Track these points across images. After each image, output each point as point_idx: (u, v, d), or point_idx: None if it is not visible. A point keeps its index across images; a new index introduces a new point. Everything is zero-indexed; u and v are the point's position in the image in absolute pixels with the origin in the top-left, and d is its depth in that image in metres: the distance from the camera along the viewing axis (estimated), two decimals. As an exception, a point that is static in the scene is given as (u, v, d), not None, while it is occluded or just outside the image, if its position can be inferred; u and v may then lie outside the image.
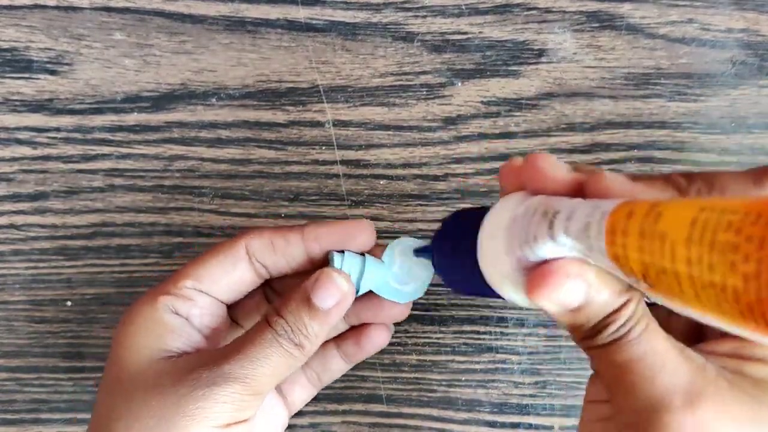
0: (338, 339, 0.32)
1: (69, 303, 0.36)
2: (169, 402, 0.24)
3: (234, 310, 0.31)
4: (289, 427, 0.37)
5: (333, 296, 0.26)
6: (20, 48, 0.35)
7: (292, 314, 0.26)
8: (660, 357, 0.20)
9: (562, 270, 0.20)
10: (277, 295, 0.32)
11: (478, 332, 0.36)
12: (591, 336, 0.21)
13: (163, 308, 0.27)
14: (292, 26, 0.35)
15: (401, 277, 0.30)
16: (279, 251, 0.28)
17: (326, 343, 0.32)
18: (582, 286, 0.20)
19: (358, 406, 0.37)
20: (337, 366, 0.32)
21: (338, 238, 0.28)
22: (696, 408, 0.19)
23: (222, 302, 0.29)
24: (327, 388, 0.36)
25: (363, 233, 0.29)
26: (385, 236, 0.36)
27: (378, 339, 0.31)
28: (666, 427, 0.19)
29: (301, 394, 0.33)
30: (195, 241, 0.36)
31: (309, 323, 0.26)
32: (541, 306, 0.21)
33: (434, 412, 0.37)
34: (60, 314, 0.36)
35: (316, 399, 0.36)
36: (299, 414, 0.37)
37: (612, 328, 0.20)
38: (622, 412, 0.21)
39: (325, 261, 0.29)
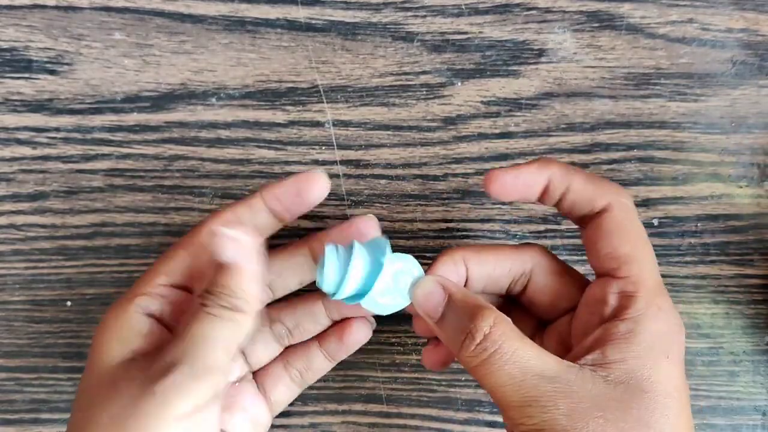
0: (320, 337, 0.32)
1: (69, 303, 0.36)
2: (127, 404, 0.24)
3: None
4: (289, 427, 0.37)
5: (231, 247, 0.26)
6: (20, 48, 0.35)
7: (215, 283, 0.26)
8: (524, 379, 0.24)
9: (429, 276, 0.28)
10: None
11: (478, 332, 0.36)
12: (461, 351, 0.25)
13: (134, 309, 0.28)
14: (292, 26, 0.35)
15: (388, 291, 0.28)
16: (247, 222, 0.29)
17: (309, 341, 0.33)
18: (441, 291, 0.27)
19: (358, 406, 0.37)
20: (319, 364, 0.33)
21: (294, 190, 0.29)
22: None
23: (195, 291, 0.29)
24: (327, 388, 0.36)
25: (315, 184, 0.29)
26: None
27: (359, 334, 0.32)
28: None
29: (284, 393, 0.33)
30: (195, 241, 0.36)
31: (231, 282, 0.26)
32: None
33: (434, 412, 0.37)
34: (60, 314, 0.36)
35: (316, 399, 0.36)
36: (299, 414, 0.37)
37: (471, 343, 0.25)
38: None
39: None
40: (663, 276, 0.27)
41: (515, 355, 0.24)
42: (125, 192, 0.36)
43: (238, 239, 0.26)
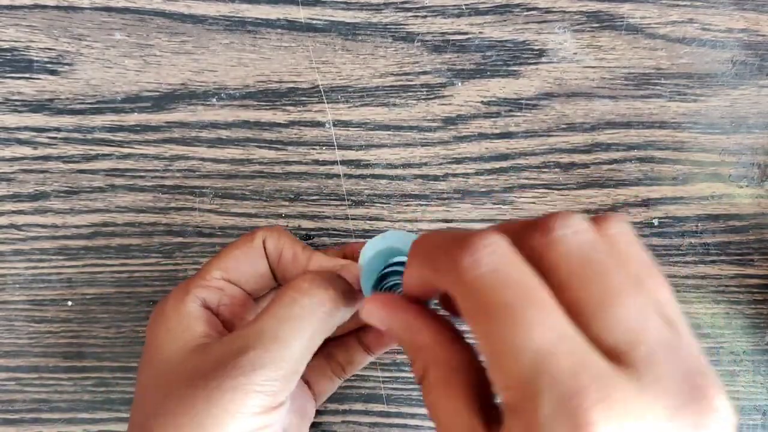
0: (359, 332, 0.32)
1: (69, 303, 0.36)
2: (201, 397, 0.24)
3: None
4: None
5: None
6: (20, 48, 0.35)
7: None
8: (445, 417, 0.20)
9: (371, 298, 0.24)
10: None
11: (478, 332, 0.36)
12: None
13: (192, 299, 0.27)
14: (293, 26, 0.35)
15: None
16: (285, 259, 0.29)
17: (348, 335, 0.32)
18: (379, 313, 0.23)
19: (358, 406, 0.37)
20: (360, 358, 0.32)
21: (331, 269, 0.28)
22: None
23: (249, 293, 0.30)
24: (327, 387, 0.36)
25: (348, 275, 0.28)
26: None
27: None
28: None
29: (327, 386, 0.33)
30: (196, 241, 0.36)
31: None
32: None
33: (434, 412, 0.37)
34: (60, 314, 0.36)
35: (317, 399, 0.36)
36: (299, 414, 0.37)
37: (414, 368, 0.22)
38: None
39: None
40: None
41: (436, 406, 0.20)
42: (126, 192, 0.36)
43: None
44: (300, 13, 0.35)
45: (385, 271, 0.28)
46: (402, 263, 0.28)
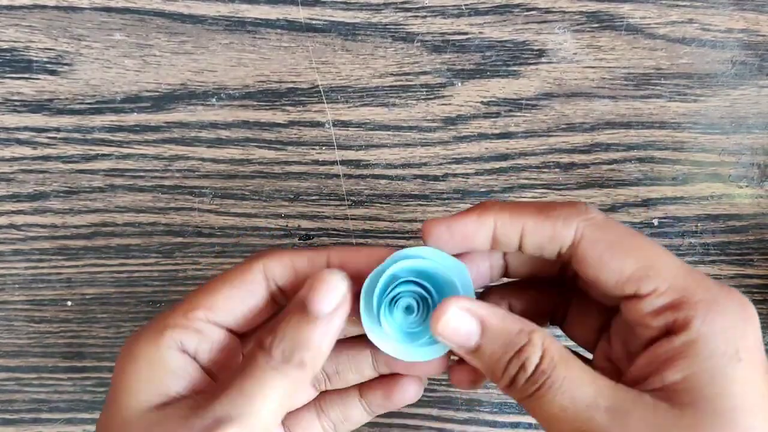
0: (363, 387, 0.28)
1: (69, 303, 0.36)
2: None
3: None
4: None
5: (329, 297, 0.23)
6: (20, 48, 0.35)
7: (289, 328, 0.23)
8: (577, 411, 0.21)
9: (452, 302, 0.22)
10: None
11: (478, 332, 0.36)
12: (510, 385, 0.22)
13: (168, 344, 0.24)
14: (292, 26, 0.35)
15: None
16: (301, 274, 0.25)
17: (348, 390, 0.28)
18: (472, 320, 0.22)
19: (358, 406, 0.37)
20: (358, 417, 0.28)
21: (365, 261, 0.25)
22: None
23: (236, 334, 0.26)
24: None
25: (407, 392, 0.27)
26: (385, 237, 0.36)
27: (409, 393, 0.28)
28: None
29: None
30: (195, 241, 0.36)
31: (310, 335, 0.22)
32: (445, 342, 0.23)
33: (434, 411, 0.37)
34: (60, 314, 0.36)
35: (316, 399, 0.36)
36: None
37: (522, 376, 0.21)
38: None
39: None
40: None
41: (565, 383, 0.21)
42: (125, 192, 0.36)
43: (338, 289, 0.23)
44: (300, 14, 0.35)
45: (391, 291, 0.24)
46: (411, 279, 0.24)
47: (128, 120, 0.36)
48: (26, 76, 0.35)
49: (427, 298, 0.24)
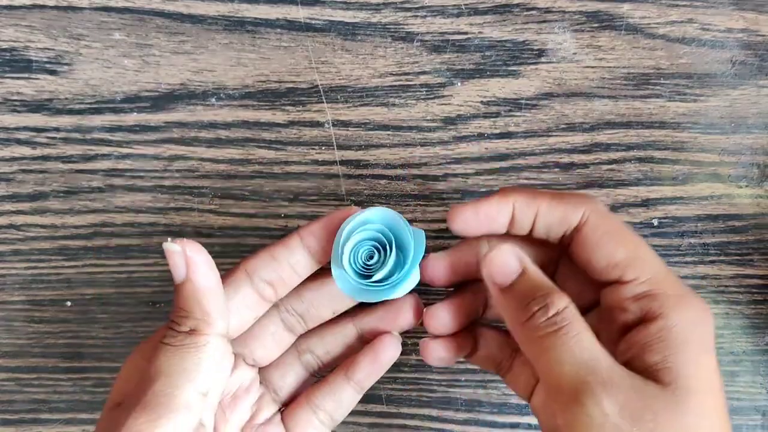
0: (348, 365, 0.30)
1: (68, 303, 0.36)
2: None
3: (268, 370, 0.31)
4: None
5: (180, 262, 0.25)
6: (20, 48, 0.35)
7: (172, 309, 0.25)
8: (585, 360, 0.23)
9: (507, 244, 0.26)
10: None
11: (477, 332, 0.36)
12: (526, 321, 0.24)
13: (139, 356, 0.26)
14: (292, 26, 0.35)
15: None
16: (283, 261, 0.27)
17: (334, 377, 0.30)
18: (517, 262, 0.25)
19: (358, 406, 0.36)
20: (349, 398, 0.30)
21: (332, 226, 0.28)
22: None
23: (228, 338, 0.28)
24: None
25: (388, 351, 0.30)
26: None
27: (392, 350, 0.30)
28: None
29: None
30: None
31: (186, 302, 0.25)
32: (485, 279, 0.26)
33: (434, 412, 0.37)
34: (59, 314, 0.36)
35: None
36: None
37: (543, 314, 0.24)
38: (548, 387, 0.24)
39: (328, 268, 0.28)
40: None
41: (580, 336, 0.23)
42: (125, 192, 0.36)
43: (184, 252, 0.25)
44: (299, 13, 0.35)
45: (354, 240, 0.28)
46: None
47: (128, 120, 0.36)
48: (26, 76, 0.35)
49: (386, 247, 0.28)
